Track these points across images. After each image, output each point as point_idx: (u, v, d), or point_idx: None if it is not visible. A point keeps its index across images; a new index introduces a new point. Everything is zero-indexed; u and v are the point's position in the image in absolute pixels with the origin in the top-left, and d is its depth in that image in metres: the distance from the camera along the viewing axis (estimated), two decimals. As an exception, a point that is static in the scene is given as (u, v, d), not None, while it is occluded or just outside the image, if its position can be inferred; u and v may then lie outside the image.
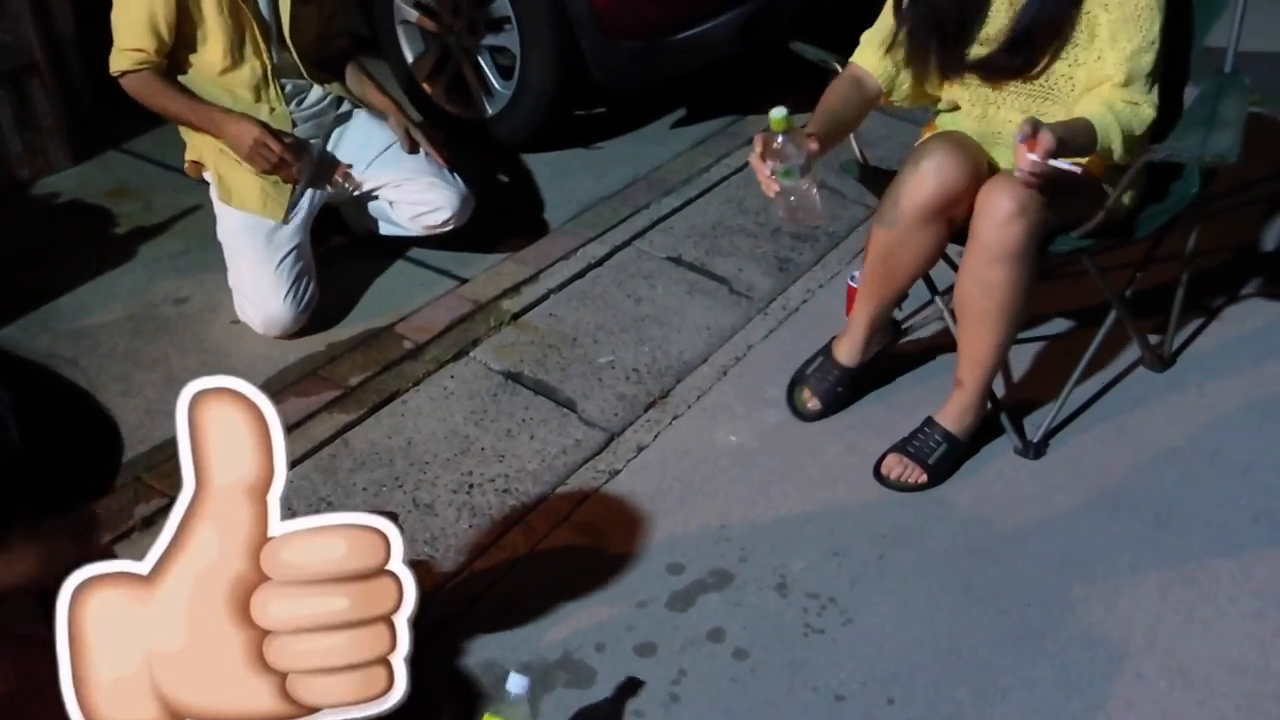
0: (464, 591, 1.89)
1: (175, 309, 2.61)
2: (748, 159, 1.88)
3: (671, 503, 2.07)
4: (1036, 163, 1.70)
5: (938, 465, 2.07)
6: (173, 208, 2.94)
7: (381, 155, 2.64)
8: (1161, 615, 1.81)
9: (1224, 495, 2.04)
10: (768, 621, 1.83)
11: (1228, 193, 2.87)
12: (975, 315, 1.96)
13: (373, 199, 2.70)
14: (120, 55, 2.41)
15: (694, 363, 2.43)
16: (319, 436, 2.20)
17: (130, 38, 2.38)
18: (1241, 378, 2.32)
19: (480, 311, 2.58)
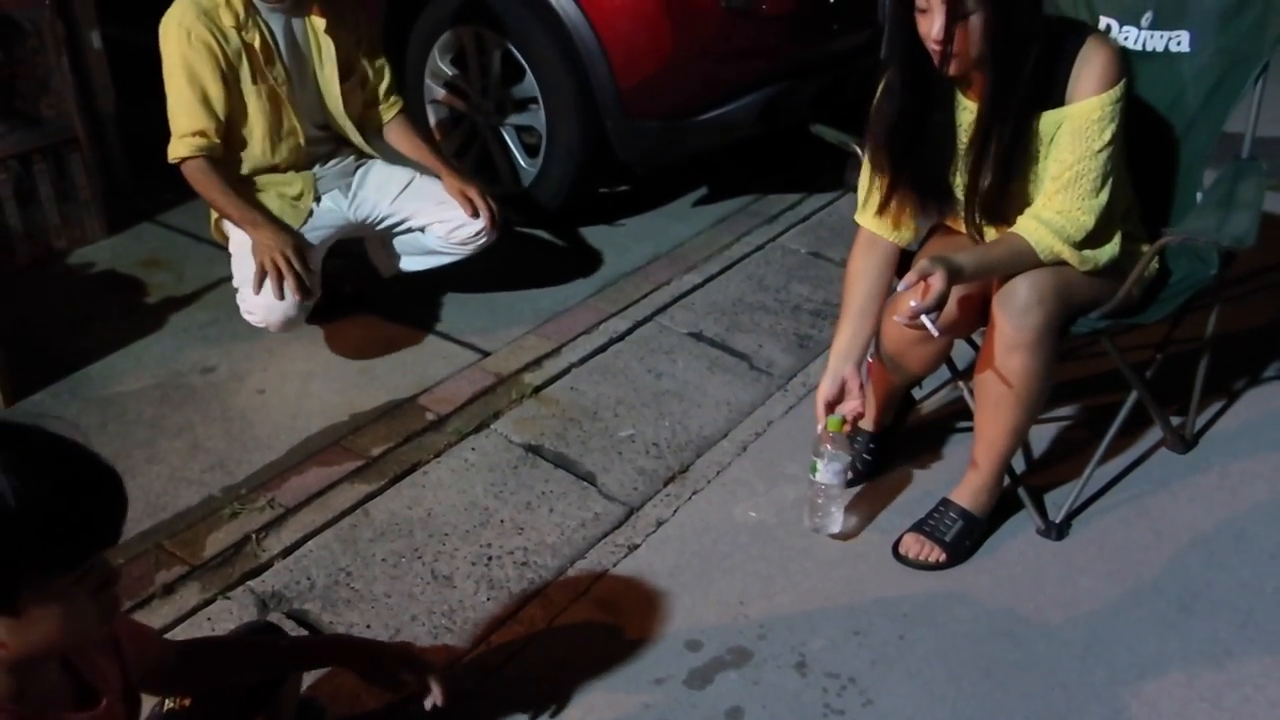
0: (480, 666, 1.88)
1: (202, 378, 2.64)
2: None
3: (690, 578, 2.06)
4: (915, 310, 1.77)
5: (955, 543, 2.06)
6: (203, 279, 2.99)
7: (405, 190, 2.69)
8: (1188, 702, 1.78)
9: (1250, 579, 2.01)
10: (786, 701, 1.81)
11: (1247, 276, 2.88)
12: (992, 400, 1.97)
13: (399, 233, 2.74)
14: (180, 142, 2.45)
15: (714, 438, 2.44)
16: (340, 506, 2.21)
17: (188, 121, 2.43)
18: (1265, 460, 2.30)
19: (502, 384, 2.60)
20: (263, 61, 2.47)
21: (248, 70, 2.46)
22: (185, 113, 2.43)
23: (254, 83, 2.47)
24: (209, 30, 2.40)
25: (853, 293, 2.05)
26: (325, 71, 2.58)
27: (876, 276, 2.05)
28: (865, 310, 2.04)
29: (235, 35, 2.43)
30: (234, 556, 2.09)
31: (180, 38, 2.40)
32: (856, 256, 2.07)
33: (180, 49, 2.40)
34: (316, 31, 2.55)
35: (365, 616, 1.97)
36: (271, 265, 2.45)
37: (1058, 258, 1.88)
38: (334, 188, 2.68)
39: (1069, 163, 1.85)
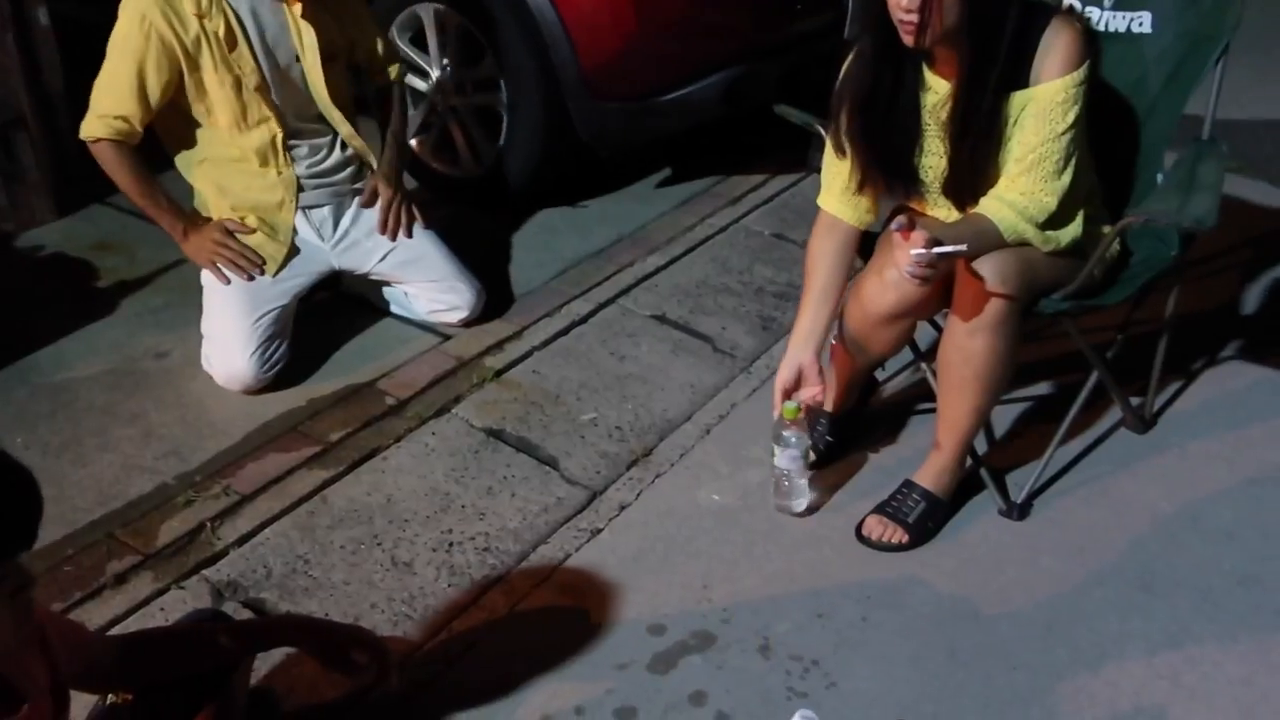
0: (442, 653, 1.86)
1: (156, 363, 2.59)
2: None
3: (654, 562, 2.05)
4: (920, 254, 1.73)
5: (918, 524, 2.06)
6: (156, 261, 2.93)
7: (398, 251, 2.64)
8: (1148, 681, 1.79)
9: (1208, 559, 2.03)
10: (750, 684, 1.80)
11: (1207, 257, 2.90)
12: (955, 381, 1.97)
13: (387, 284, 2.73)
14: (99, 121, 2.36)
15: (677, 421, 2.42)
16: (297, 493, 2.17)
17: (114, 103, 2.35)
18: (1223, 440, 2.32)
19: (463, 368, 2.57)
20: (226, 50, 2.39)
21: (209, 59, 2.38)
22: (114, 94, 2.34)
23: (215, 71, 2.39)
24: (166, 17, 2.31)
25: (813, 277, 2.03)
26: (307, 58, 2.51)
27: (836, 260, 2.03)
28: (825, 295, 2.02)
29: (196, 23, 2.34)
30: (188, 545, 2.05)
31: (135, 19, 2.31)
32: (816, 239, 2.05)
33: (132, 31, 2.32)
34: (294, 18, 2.47)
35: (324, 605, 1.93)
36: (215, 267, 2.46)
37: (1021, 238, 1.88)
38: (322, 205, 2.61)
39: (1033, 144, 1.85)
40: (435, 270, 2.67)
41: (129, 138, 2.39)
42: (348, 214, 2.64)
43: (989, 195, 1.90)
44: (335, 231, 2.62)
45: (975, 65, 1.81)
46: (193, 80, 2.40)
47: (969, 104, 1.84)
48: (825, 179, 2.04)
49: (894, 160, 1.97)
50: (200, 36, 2.36)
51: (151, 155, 2.48)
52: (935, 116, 1.91)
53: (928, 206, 2.04)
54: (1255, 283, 2.87)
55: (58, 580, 1.96)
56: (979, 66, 1.81)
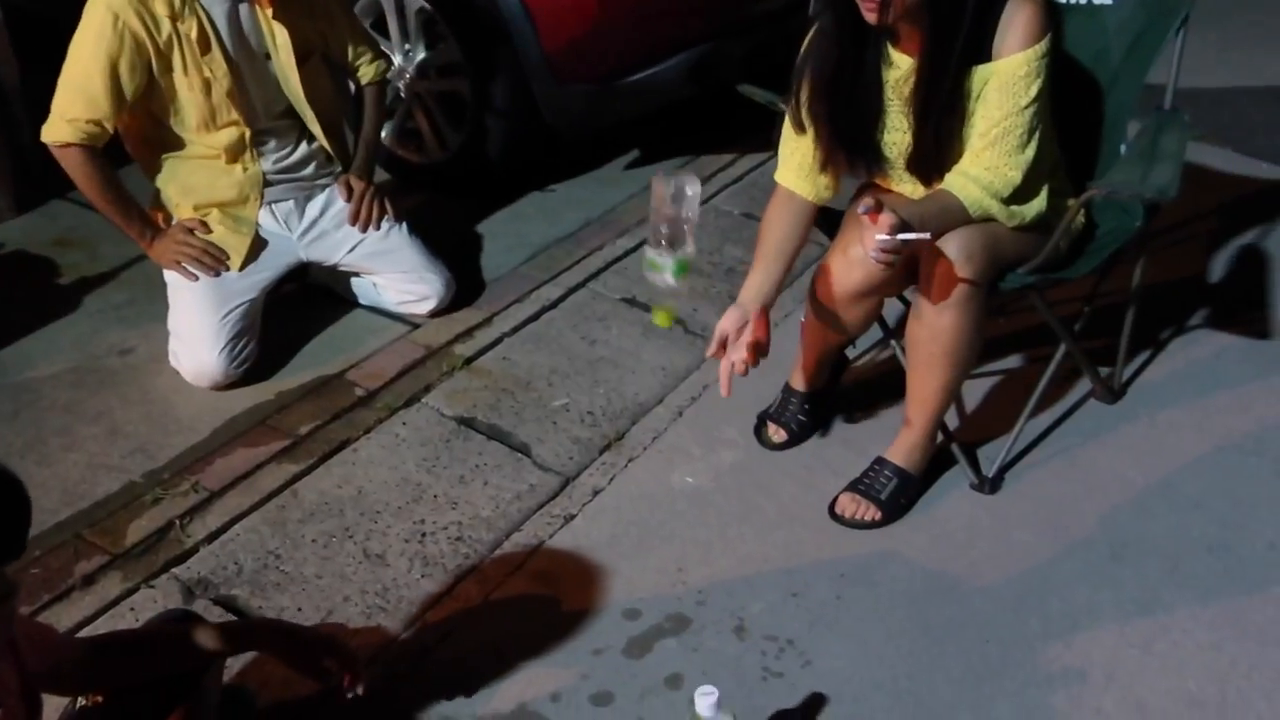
0: (416, 644, 1.85)
1: (120, 360, 2.56)
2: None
3: (628, 547, 2.05)
4: (884, 240, 1.71)
5: (890, 501, 2.06)
6: (119, 257, 2.89)
7: (367, 241, 2.62)
8: (1119, 650, 1.81)
9: (1177, 527, 2.04)
10: (726, 666, 1.80)
11: (1172, 227, 2.91)
12: (924, 359, 1.97)
13: (355, 275, 2.70)
14: (67, 125, 2.29)
15: (649, 404, 2.42)
16: (267, 488, 2.16)
17: (85, 105, 2.27)
18: (1191, 408, 2.34)
19: (432, 357, 2.55)
20: (199, 52, 2.34)
21: (179, 60, 2.33)
22: (86, 97, 2.28)
23: (185, 74, 2.35)
24: (140, 17, 2.26)
25: (766, 239, 1.99)
26: (281, 58, 2.46)
27: (791, 228, 2.00)
28: (777, 257, 1.97)
29: (169, 24, 2.29)
30: (157, 544, 2.03)
31: (106, 21, 2.24)
32: (772, 209, 2.03)
33: (103, 32, 2.25)
34: (266, 18, 2.42)
35: (296, 599, 1.92)
36: (182, 268, 2.44)
37: (986, 214, 1.88)
38: (288, 198, 2.58)
39: (996, 119, 1.84)
40: (404, 261, 2.65)
41: (99, 140, 2.34)
42: (315, 204, 2.61)
43: (953, 171, 1.89)
44: (302, 222, 2.60)
45: (937, 41, 1.80)
46: (163, 82, 2.35)
47: (932, 80, 1.83)
48: (783, 154, 2.03)
49: (857, 137, 1.96)
50: (172, 37, 2.31)
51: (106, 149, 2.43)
52: (898, 92, 1.90)
53: (892, 182, 2.03)
54: (1221, 250, 2.89)
55: (25, 583, 1.93)
56: (941, 42, 1.80)
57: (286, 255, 2.58)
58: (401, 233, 2.67)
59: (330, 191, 2.63)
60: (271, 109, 2.52)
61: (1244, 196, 3.14)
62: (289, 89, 2.50)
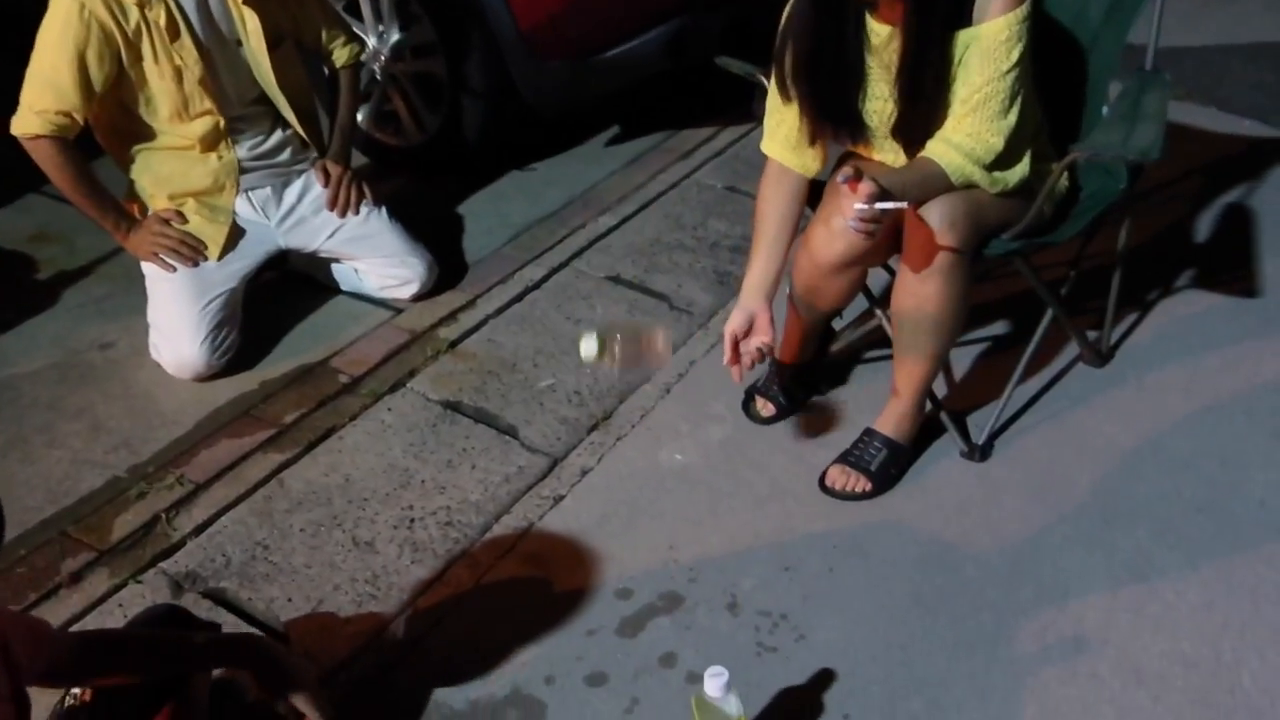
0: (408, 631, 1.84)
1: (101, 355, 2.53)
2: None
3: (618, 527, 2.04)
4: (862, 209, 1.70)
5: (880, 472, 2.06)
6: (96, 250, 2.86)
7: (347, 227, 2.59)
8: (1113, 613, 1.81)
9: (1168, 489, 2.04)
10: (720, 643, 1.80)
11: (1158, 186, 2.90)
12: (909, 328, 1.96)
13: (335, 261, 2.68)
14: (37, 117, 2.25)
15: (636, 382, 2.40)
16: (253, 478, 2.14)
17: (54, 97, 2.24)
18: (1179, 369, 2.33)
19: (416, 341, 2.53)
20: (168, 40, 2.29)
21: (149, 49, 2.29)
22: (55, 88, 2.24)
23: (155, 62, 2.31)
24: (106, 6, 2.21)
25: (764, 225, 2.01)
26: (252, 44, 2.42)
27: (787, 208, 2.01)
28: (777, 242, 2.00)
29: (136, 11, 2.25)
30: (144, 538, 2.01)
31: (73, 10, 2.20)
32: (766, 187, 2.03)
33: (70, 22, 2.20)
34: (236, 3, 2.37)
35: (286, 590, 1.91)
36: (159, 259, 2.41)
37: (968, 181, 1.86)
38: (264, 185, 2.54)
39: (978, 85, 1.82)
40: (385, 245, 2.62)
41: (69, 132, 2.30)
42: (292, 190, 2.58)
43: (935, 138, 1.87)
44: (280, 209, 2.57)
45: (919, 10, 1.78)
46: (133, 71, 2.31)
47: (915, 49, 1.81)
48: (769, 125, 2.01)
49: (839, 107, 1.94)
50: (141, 26, 2.26)
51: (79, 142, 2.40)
52: (879, 60, 1.88)
53: (874, 151, 2.01)
54: (1206, 210, 2.88)
55: (11, 582, 1.92)
56: (923, 11, 1.78)
57: (265, 243, 2.55)
58: (381, 217, 2.64)
59: (307, 177, 2.60)
60: (244, 96, 2.48)
61: (1228, 155, 3.13)
62: (261, 75, 2.46)
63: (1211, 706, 1.65)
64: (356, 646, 1.80)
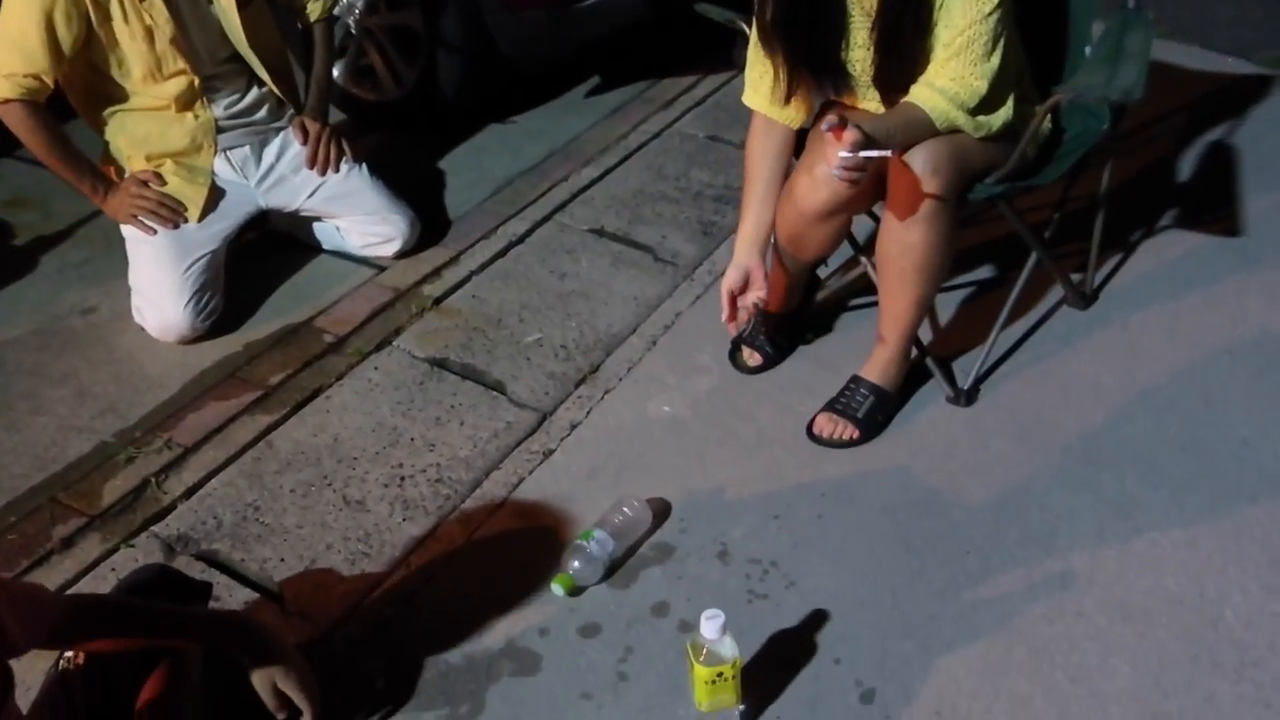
0: (402, 588, 1.85)
1: (83, 320, 2.51)
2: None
3: (608, 479, 2.04)
4: (846, 157, 1.69)
5: (867, 419, 2.07)
6: (74, 214, 2.83)
7: (328, 185, 2.57)
8: (1098, 552, 1.83)
9: (1151, 428, 2.06)
10: (711, 591, 1.81)
11: (1141, 126, 2.89)
12: (894, 274, 1.96)
13: (317, 220, 2.65)
14: (5, 82, 2.22)
15: (623, 335, 2.40)
16: (241, 440, 2.14)
17: (22, 60, 2.21)
18: (1162, 310, 2.34)
19: (401, 299, 2.52)
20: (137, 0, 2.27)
21: (118, 9, 2.25)
22: (23, 51, 2.21)
23: (126, 23, 2.27)
24: None
25: (753, 180, 2.01)
26: (222, 2, 2.38)
27: (775, 160, 2.01)
28: (767, 196, 2.01)
29: None
30: (134, 503, 2.01)
31: None
32: (753, 140, 2.02)
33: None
34: None
35: (278, 550, 1.92)
36: (139, 222, 2.38)
37: (952, 125, 1.85)
38: (242, 144, 2.51)
39: (960, 28, 1.80)
40: (367, 203, 2.60)
41: (39, 95, 2.27)
42: (270, 149, 2.55)
43: (919, 83, 1.86)
44: (259, 169, 2.54)
45: None
46: (103, 32, 2.27)
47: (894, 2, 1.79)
48: (750, 78, 1.99)
49: (820, 56, 1.92)
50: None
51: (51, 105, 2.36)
52: (860, 7, 1.86)
53: (857, 100, 2.00)
54: (1189, 149, 2.88)
55: (3, 549, 1.93)
56: None
57: (245, 204, 2.53)
58: (362, 174, 2.62)
59: (285, 136, 2.57)
60: (216, 55, 2.44)
61: (1210, 93, 3.12)
62: (232, 33, 2.42)
63: (1195, 641, 1.68)
64: (350, 605, 1.82)
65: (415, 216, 2.65)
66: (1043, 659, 1.66)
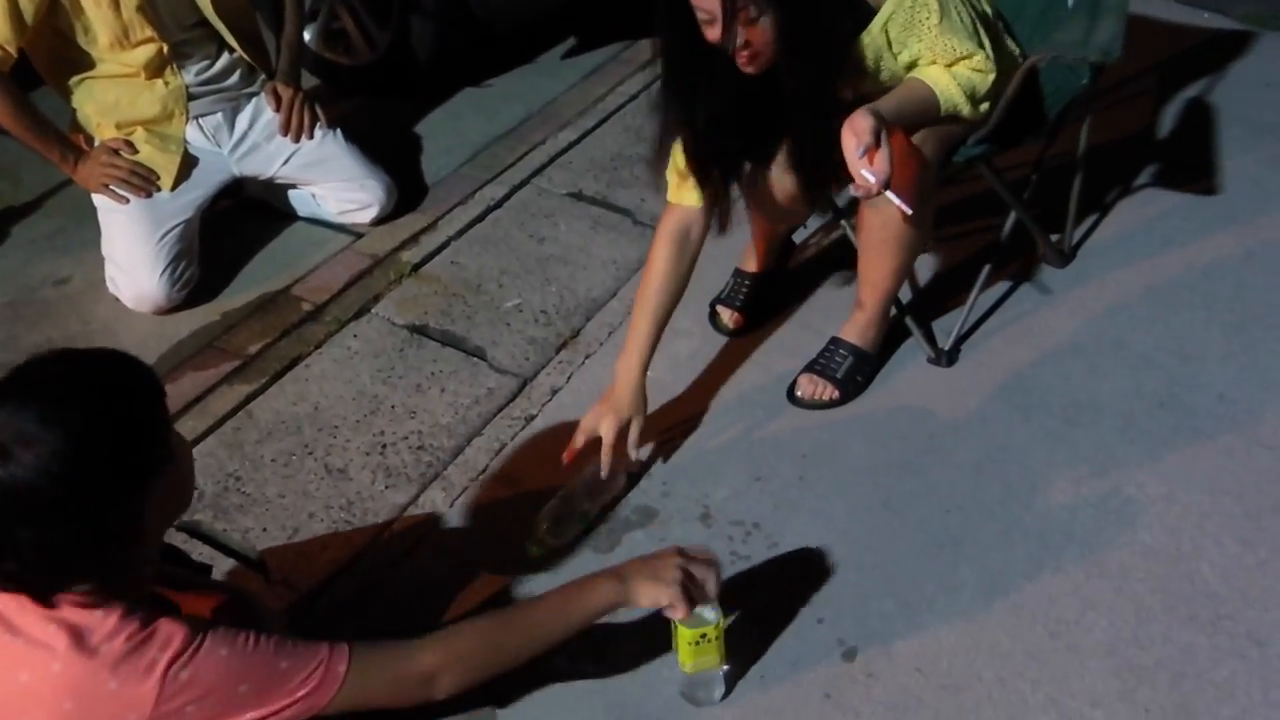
0: (385, 556, 1.85)
1: (56, 291, 2.48)
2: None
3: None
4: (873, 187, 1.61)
5: (847, 380, 2.07)
6: (43, 184, 2.79)
7: (302, 151, 2.54)
8: (1076, 509, 1.85)
9: (1129, 385, 2.08)
10: (694, 554, 1.82)
11: (1117, 84, 2.89)
12: (874, 243, 1.95)
13: (292, 187, 2.62)
14: None
15: (603, 299, 2.39)
16: (220, 410, 2.13)
17: None
18: (1139, 267, 2.35)
19: (379, 266, 2.50)
20: None
21: None
22: None
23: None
24: None
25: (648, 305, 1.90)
26: None
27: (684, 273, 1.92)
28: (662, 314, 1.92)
29: None
30: (114, 474, 2.00)
31: None
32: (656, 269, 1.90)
33: None
34: None
35: (260, 520, 1.91)
36: (110, 190, 2.35)
37: (956, 113, 1.79)
38: (214, 111, 2.47)
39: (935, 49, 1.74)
40: (343, 169, 2.57)
41: (3, 65, 2.23)
42: (243, 116, 2.52)
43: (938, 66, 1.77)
44: (232, 137, 2.51)
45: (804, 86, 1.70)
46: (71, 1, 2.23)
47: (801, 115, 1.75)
48: (676, 179, 1.88)
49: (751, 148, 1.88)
50: None
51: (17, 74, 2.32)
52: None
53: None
54: (1166, 106, 2.88)
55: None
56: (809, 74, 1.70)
57: (219, 172, 2.50)
58: (337, 140, 2.59)
59: (258, 102, 2.54)
60: (183, 21, 2.40)
61: (1188, 48, 3.12)
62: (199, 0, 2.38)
63: (1171, 594, 1.70)
64: (334, 572, 1.82)
65: (392, 182, 2.63)
66: (1022, 614, 1.69)
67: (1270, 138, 2.71)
